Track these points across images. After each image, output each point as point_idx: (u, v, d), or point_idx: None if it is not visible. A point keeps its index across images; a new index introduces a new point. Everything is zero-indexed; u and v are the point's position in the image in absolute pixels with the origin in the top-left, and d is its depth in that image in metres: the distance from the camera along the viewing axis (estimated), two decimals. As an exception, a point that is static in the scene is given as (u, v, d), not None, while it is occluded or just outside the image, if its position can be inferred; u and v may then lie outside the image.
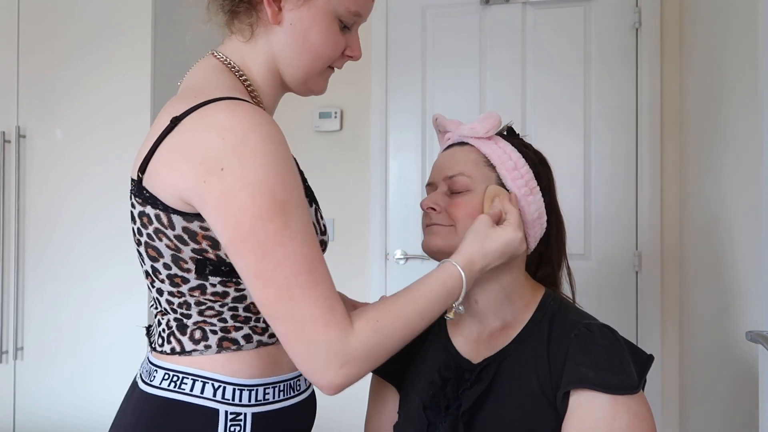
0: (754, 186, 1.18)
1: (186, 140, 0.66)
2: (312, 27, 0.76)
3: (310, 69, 0.79)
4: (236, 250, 0.65)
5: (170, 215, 0.68)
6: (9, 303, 1.90)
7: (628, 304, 2.07)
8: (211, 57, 0.79)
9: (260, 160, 0.64)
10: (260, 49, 0.78)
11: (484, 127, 0.91)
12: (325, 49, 0.78)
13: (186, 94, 0.71)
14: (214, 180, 0.63)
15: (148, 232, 0.71)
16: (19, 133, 1.90)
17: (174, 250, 0.70)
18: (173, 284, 0.73)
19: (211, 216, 0.65)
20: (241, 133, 0.64)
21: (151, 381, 0.75)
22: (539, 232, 0.94)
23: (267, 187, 0.64)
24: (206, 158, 0.64)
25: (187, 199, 0.66)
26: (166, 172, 0.67)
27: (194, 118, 0.66)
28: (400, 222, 2.27)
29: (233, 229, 0.64)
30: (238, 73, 0.77)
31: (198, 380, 0.73)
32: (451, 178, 0.91)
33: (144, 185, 0.70)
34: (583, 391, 0.79)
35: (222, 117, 0.65)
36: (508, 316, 0.92)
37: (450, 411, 0.88)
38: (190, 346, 0.74)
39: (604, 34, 2.10)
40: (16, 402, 1.91)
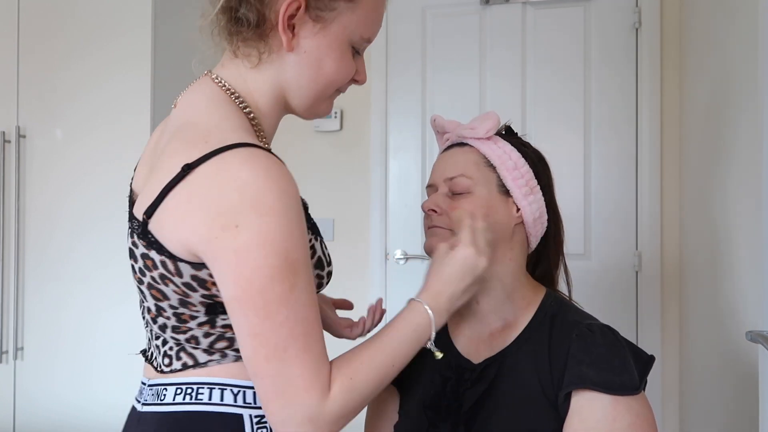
0: (754, 186, 1.18)
1: (200, 192, 0.63)
2: (327, 55, 0.74)
3: (320, 95, 0.77)
4: (239, 307, 0.64)
5: (177, 263, 0.66)
6: (9, 303, 1.90)
7: (628, 304, 2.07)
8: (210, 82, 0.75)
9: (276, 219, 0.62)
10: (267, 75, 0.74)
11: (483, 128, 0.91)
12: (338, 76, 0.76)
13: (194, 136, 0.67)
14: (228, 236, 0.61)
15: (152, 275, 0.69)
16: (19, 133, 1.90)
17: (182, 295, 0.68)
18: (180, 321, 0.71)
19: (221, 271, 0.64)
20: (258, 188, 0.62)
21: (162, 400, 0.72)
22: (540, 231, 0.95)
23: (282, 247, 0.62)
24: (221, 213, 0.62)
25: (197, 252, 0.64)
26: (175, 223, 0.65)
27: (209, 169, 0.63)
28: (400, 222, 2.26)
29: (241, 288, 0.62)
30: (241, 102, 0.74)
31: (215, 388, 0.71)
32: (452, 179, 0.91)
33: (150, 229, 0.67)
34: (585, 392, 0.79)
35: (238, 169, 0.62)
36: (509, 316, 0.92)
37: (451, 411, 0.88)
38: (204, 358, 0.72)
39: (604, 34, 2.10)
40: (16, 402, 1.91)
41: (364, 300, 2.26)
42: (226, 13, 0.73)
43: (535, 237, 0.95)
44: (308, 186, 2.34)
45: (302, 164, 2.34)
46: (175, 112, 0.75)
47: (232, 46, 0.74)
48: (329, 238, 2.31)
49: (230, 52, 0.75)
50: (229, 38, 0.74)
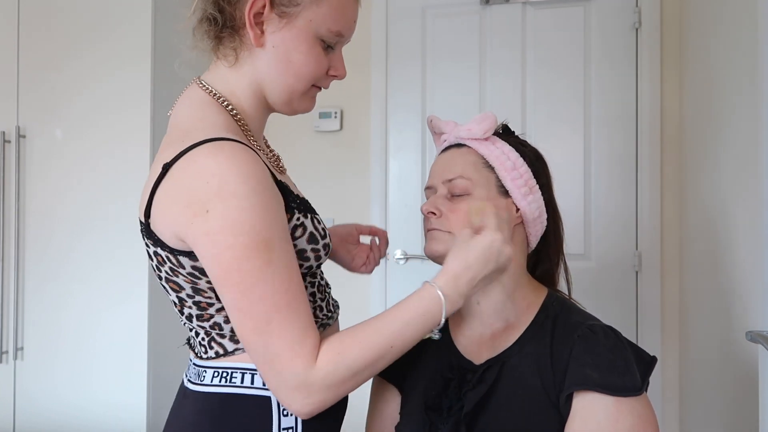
0: (754, 185, 1.18)
1: (175, 186, 0.70)
2: (294, 48, 0.78)
3: (293, 90, 0.80)
4: (221, 285, 0.69)
5: (177, 257, 0.72)
6: (9, 303, 1.90)
7: (628, 304, 2.07)
8: (196, 87, 0.81)
9: (241, 202, 0.67)
10: (245, 73, 0.80)
11: (481, 129, 0.91)
12: (307, 70, 0.79)
13: (174, 137, 0.74)
14: (200, 221, 0.67)
15: (165, 269, 0.75)
16: (19, 133, 1.90)
17: (192, 283, 0.74)
18: (200, 308, 0.77)
19: (201, 255, 0.69)
20: (222, 175, 0.67)
21: (201, 381, 0.79)
22: (540, 230, 0.95)
23: (249, 226, 0.67)
24: (193, 201, 0.68)
25: (183, 239, 0.70)
26: (163, 217, 0.71)
27: (181, 165, 0.69)
28: (400, 222, 2.26)
29: (218, 267, 0.68)
30: (224, 102, 0.79)
31: (247, 373, 0.77)
32: (451, 181, 0.91)
33: (152, 229, 0.73)
34: (587, 393, 0.79)
35: (205, 161, 0.68)
36: (511, 317, 0.92)
37: (452, 412, 0.87)
38: (232, 347, 0.78)
39: (604, 34, 2.10)
40: (16, 402, 1.91)
41: (365, 300, 2.27)
42: (197, 13, 0.79)
43: (535, 236, 0.95)
44: (308, 186, 2.34)
45: (302, 164, 2.34)
46: (169, 120, 0.81)
47: (212, 48, 0.80)
48: (329, 238, 2.31)
49: (213, 55, 0.81)
50: (207, 39, 0.80)
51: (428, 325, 0.75)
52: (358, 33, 0.88)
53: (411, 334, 0.74)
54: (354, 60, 2.30)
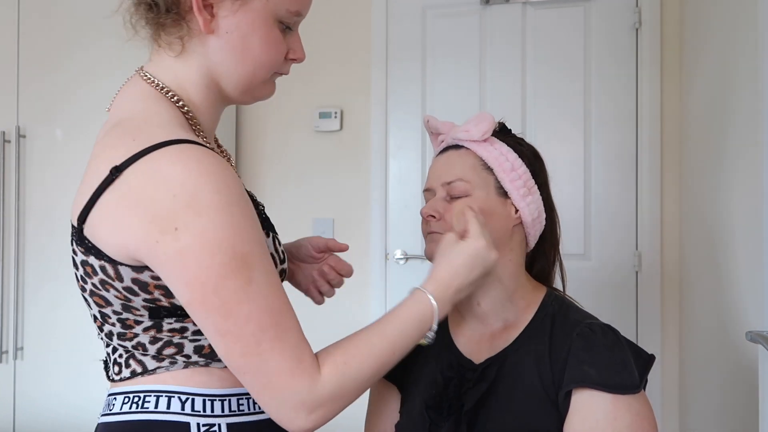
0: (754, 185, 1.18)
1: (132, 195, 0.61)
2: (251, 33, 0.69)
3: (252, 78, 0.72)
4: (198, 309, 0.62)
5: (117, 267, 0.64)
6: (9, 303, 1.90)
7: (628, 304, 2.07)
8: (139, 79, 0.71)
9: (216, 216, 0.60)
10: (194, 63, 0.70)
11: (479, 130, 0.90)
12: (267, 56, 0.71)
13: (121, 134, 0.65)
14: (168, 240, 0.59)
15: (93, 281, 0.66)
16: (19, 133, 1.90)
17: (124, 300, 0.66)
18: (125, 327, 0.69)
19: (168, 276, 0.62)
20: (193, 186, 0.59)
21: (111, 410, 0.70)
22: (539, 230, 0.95)
23: (226, 243, 0.60)
24: (157, 216, 0.59)
25: (138, 257, 0.62)
26: (111, 228, 0.62)
27: (138, 171, 0.61)
28: (400, 222, 2.26)
29: (193, 290, 0.61)
30: (173, 96, 0.70)
31: (162, 396, 0.68)
32: (450, 183, 0.91)
33: (85, 234, 0.65)
34: (585, 391, 0.79)
35: (170, 169, 0.60)
36: (510, 316, 0.92)
37: (452, 411, 0.88)
38: (153, 365, 0.69)
39: (604, 34, 2.10)
40: (16, 402, 1.91)
41: (364, 300, 2.27)
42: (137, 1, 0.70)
43: (533, 236, 0.95)
44: (308, 186, 2.34)
45: (302, 164, 2.34)
46: (109, 115, 0.72)
47: (153, 36, 0.71)
48: (329, 237, 2.31)
49: (153, 43, 0.72)
50: (147, 27, 0.71)
51: (423, 330, 0.73)
52: (358, 33, 0.88)
53: (408, 339, 0.72)
54: (354, 60, 2.31)
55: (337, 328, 0.99)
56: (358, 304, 2.28)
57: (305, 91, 2.26)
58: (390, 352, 0.70)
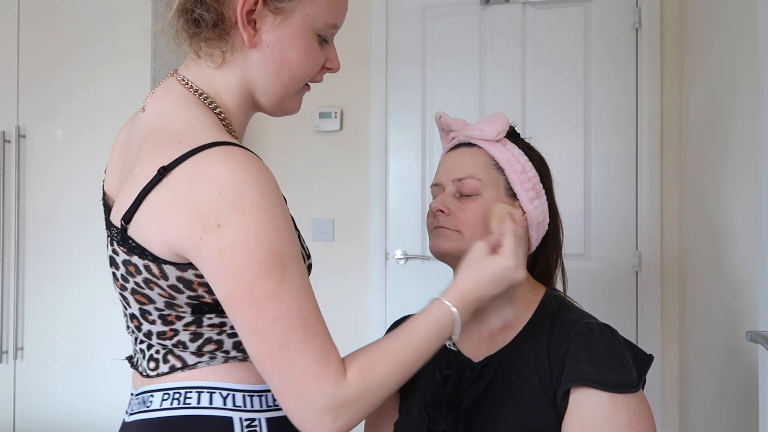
0: (754, 185, 1.18)
1: (178, 194, 0.63)
2: (291, 46, 0.72)
3: (287, 89, 0.76)
4: (233, 306, 0.63)
5: (162, 266, 0.65)
6: (9, 303, 1.90)
7: (628, 304, 2.07)
8: (175, 83, 0.74)
9: (258, 215, 0.62)
10: (233, 74, 0.73)
11: (493, 130, 0.91)
12: (305, 68, 0.75)
13: (166, 137, 0.67)
14: (211, 237, 0.61)
15: (135, 280, 0.68)
16: (19, 133, 1.90)
17: (168, 297, 0.68)
18: (166, 323, 0.70)
19: (208, 272, 0.64)
20: (238, 186, 0.62)
21: (148, 407, 0.71)
22: (542, 233, 0.95)
23: (266, 242, 0.62)
24: (202, 214, 0.61)
25: (182, 254, 0.64)
26: (157, 226, 0.64)
27: (186, 170, 0.63)
28: (400, 222, 2.26)
29: (230, 287, 0.62)
30: (210, 103, 0.72)
31: (204, 392, 0.70)
32: (461, 180, 0.91)
33: (129, 234, 0.66)
34: (583, 389, 0.79)
35: (216, 169, 0.62)
36: (509, 315, 0.92)
37: (451, 408, 0.88)
38: (193, 360, 0.70)
39: (604, 34, 2.10)
40: (16, 402, 1.91)
41: (365, 300, 2.27)
42: (183, 15, 0.71)
43: (536, 239, 0.95)
44: (308, 186, 2.34)
45: (302, 164, 2.34)
46: (145, 117, 0.73)
47: (193, 47, 0.73)
48: (329, 238, 2.31)
49: (192, 53, 0.74)
50: (189, 40, 0.73)
51: (444, 337, 0.74)
52: (358, 33, 0.88)
53: (432, 346, 0.72)
54: (354, 60, 2.31)
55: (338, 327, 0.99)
56: (358, 304, 2.28)
57: (305, 91, 2.26)
58: (414, 360, 0.70)
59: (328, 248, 2.28)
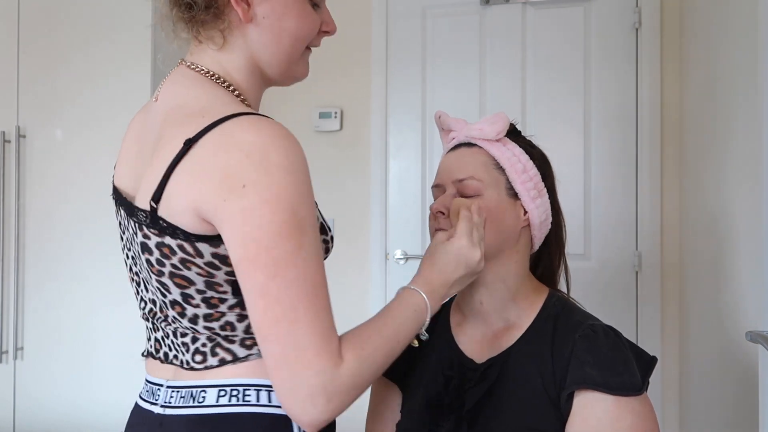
0: (754, 185, 1.18)
1: (205, 160, 0.63)
2: (285, 13, 0.74)
3: (291, 55, 0.77)
4: (247, 267, 0.62)
5: (195, 244, 0.65)
6: (9, 303, 1.89)
7: (628, 304, 2.07)
8: (187, 70, 0.74)
9: (283, 176, 0.62)
10: (237, 52, 0.74)
11: (494, 130, 0.90)
12: (302, 32, 0.76)
13: (188, 113, 0.67)
14: (235, 197, 0.61)
15: (172, 262, 0.67)
16: (19, 133, 1.90)
17: (207, 276, 0.67)
18: (210, 305, 0.69)
19: (227, 232, 0.63)
20: (264, 147, 0.62)
21: (201, 402, 0.68)
22: (545, 232, 0.95)
23: (288, 204, 0.62)
24: (227, 175, 0.61)
25: (207, 218, 0.63)
26: (185, 195, 0.64)
27: (213, 137, 0.63)
28: (400, 222, 2.26)
29: (248, 246, 0.61)
30: (224, 82, 0.73)
31: (262, 390, 0.69)
32: (462, 181, 0.90)
33: (160, 215, 0.66)
34: (587, 392, 0.79)
35: (244, 133, 0.63)
36: (512, 316, 0.92)
37: (453, 410, 0.88)
38: (243, 352, 0.70)
39: (604, 34, 2.10)
40: (16, 402, 1.91)
41: (364, 300, 2.27)
42: (175, 3, 0.72)
43: (539, 238, 0.95)
44: (308, 186, 2.34)
45: (302, 164, 2.33)
46: (159, 105, 0.74)
47: (192, 33, 0.74)
48: (329, 238, 2.31)
49: (193, 39, 0.75)
50: (187, 27, 0.73)
51: (419, 321, 0.75)
52: (358, 33, 0.88)
53: (409, 329, 0.73)
54: (354, 60, 2.31)
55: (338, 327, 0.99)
56: (358, 304, 2.28)
57: (305, 91, 2.26)
58: (395, 341, 0.71)
59: (328, 248, 2.28)
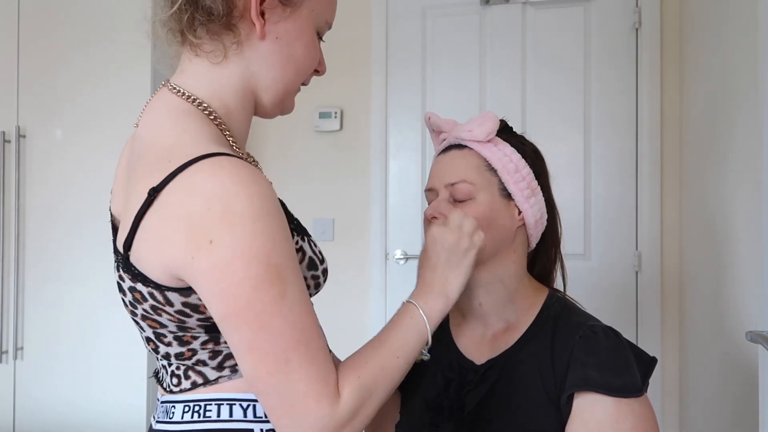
0: (754, 185, 1.18)
1: (168, 214, 0.60)
2: (297, 40, 0.71)
3: (290, 85, 0.74)
4: (231, 323, 0.60)
5: (165, 293, 0.63)
6: (9, 303, 1.89)
7: (628, 304, 2.07)
8: (167, 93, 0.70)
9: (250, 225, 0.58)
10: (234, 70, 0.70)
11: (483, 131, 0.89)
12: (306, 64, 0.73)
13: (157, 157, 0.64)
14: (203, 254, 0.58)
15: (143, 307, 0.65)
16: (19, 133, 1.90)
17: (178, 322, 0.65)
18: (182, 344, 0.68)
19: (204, 292, 0.60)
20: (227, 197, 0.58)
21: (170, 418, 0.69)
22: (540, 231, 0.95)
23: (261, 254, 0.59)
24: (193, 231, 0.58)
25: (179, 276, 0.61)
26: (153, 251, 0.62)
27: (175, 188, 0.60)
28: (400, 222, 2.26)
29: (228, 304, 0.59)
30: (205, 109, 0.68)
31: (223, 404, 0.68)
32: (454, 185, 0.89)
33: (131, 262, 0.64)
34: (588, 394, 0.79)
35: (204, 183, 0.59)
36: (512, 317, 0.92)
37: (453, 412, 0.88)
38: (214, 375, 0.69)
39: (604, 34, 2.10)
40: (16, 402, 1.91)
41: (364, 300, 2.27)
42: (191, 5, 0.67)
43: (535, 237, 0.94)
44: (308, 186, 2.34)
45: (302, 164, 2.34)
46: (139, 133, 0.71)
47: (196, 40, 0.69)
48: (329, 238, 2.31)
49: (190, 52, 0.71)
50: (193, 33, 0.68)
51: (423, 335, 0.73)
52: (358, 33, 0.88)
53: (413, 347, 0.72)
54: (354, 60, 2.31)
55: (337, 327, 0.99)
56: (358, 304, 2.28)
57: (305, 91, 2.24)
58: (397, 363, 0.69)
59: (328, 248, 2.28)
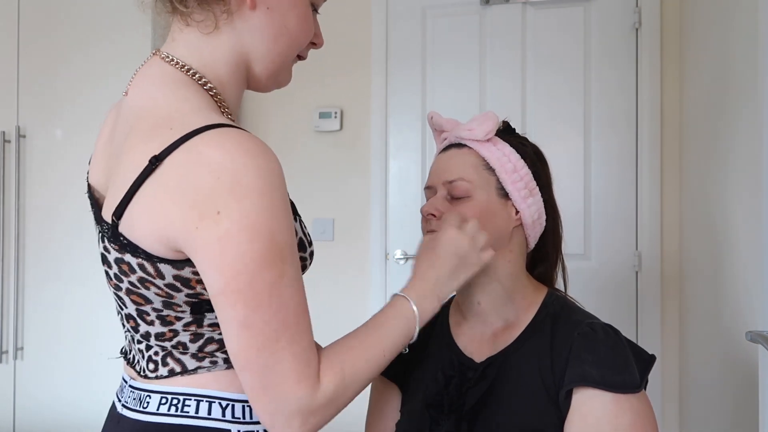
0: (754, 185, 1.18)
1: (172, 183, 0.59)
2: (290, 10, 0.69)
3: (284, 58, 0.72)
4: (227, 298, 0.59)
5: (157, 265, 0.61)
6: (9, 303, 1.90)
7: (628, 304, 2.07)
8: (159, 61, 0.68)
9: (258, 199, 0.58)
10: (226, 41, 0.68)
11: (482, 130, 0.89)
12: (300, 36, 0.72)
13: (154, 123, 0.63)
14: (209, 224, 0.57)
15: (130, 279, 0.64)
16: (19, 133, 1.90)
17: (165, 297, 0.64)
18: (165, 323, 0.67)
19: (204, 262, 0.59)
20: (236, 169, 0.57)
21: (145, 408, 0.67)
22: (539, 231, 0.95)
23: (267, 230, 0.58)
24: (198, 201, 0.57)
25: (177, 246, 0.60)
26: (150, 219, 0.60)
27: (180, 157, 0.59)
28: (400, 222, 2.26)
29: (228, 277, 0.58)
30: (200, 79, 0.67)
31: (203, 401, 0.67)
32: (451, 183, 0.90)
33: (120, 231, 0.62)
34: (586, 390, 0.79)
35: (212, 153, 0.58)
36: (511, 316, 0.92)
37: (453, 409, 0.88)
38: (193, 364, 0.67)
39: (604, 34, 2.10)
40: (16, 402, 1.91)
41: (364, 300, 2.27)
42: None
43: (533, 237, 0.95)
44: (308, 186, 2.34)
45: (302, 164, 2.34)
46: (129, 101, 0.69)
47: (187, 10, 0.67)
48: (329, 238, 2.31)
49: (180, 21, 0.69)
50: (182, 2, 0.67)
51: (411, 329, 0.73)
52: (358, 33, 0.88)
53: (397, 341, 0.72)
54: (354, 60, 2.31)
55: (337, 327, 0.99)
56: (358, 304, 2.28)
57: (305, 91, 2.26)
58: (381, 354, 0.69)
59: (328, 248, 2.28)
